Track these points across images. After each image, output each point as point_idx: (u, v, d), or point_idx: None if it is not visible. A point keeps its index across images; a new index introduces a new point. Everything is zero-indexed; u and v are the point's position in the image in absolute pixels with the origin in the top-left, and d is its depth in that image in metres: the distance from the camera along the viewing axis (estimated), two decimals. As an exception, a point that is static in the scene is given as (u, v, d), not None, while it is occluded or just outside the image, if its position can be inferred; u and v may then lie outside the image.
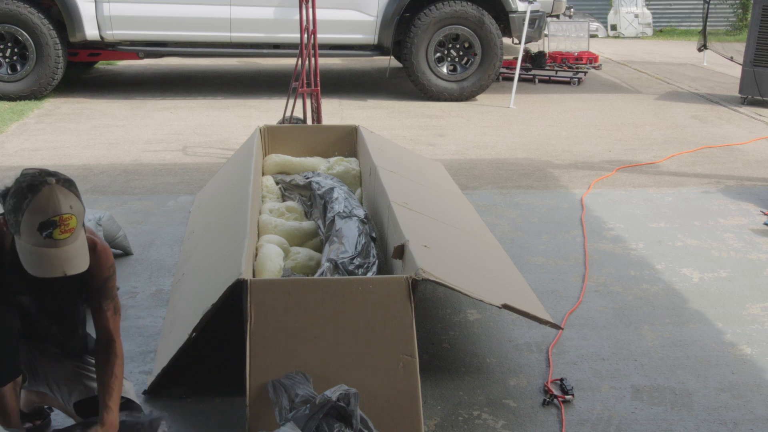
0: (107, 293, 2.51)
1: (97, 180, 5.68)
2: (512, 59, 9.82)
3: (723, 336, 3.56)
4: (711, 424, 2.90)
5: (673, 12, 17.28)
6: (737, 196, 5.54)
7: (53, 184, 2.19)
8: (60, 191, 2.18)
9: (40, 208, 2.15)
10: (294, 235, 3.83)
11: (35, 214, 2.15)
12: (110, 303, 2.53)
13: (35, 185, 2.17)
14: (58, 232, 2.16)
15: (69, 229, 2.18)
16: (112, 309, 2.53)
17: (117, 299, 2.57)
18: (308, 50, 6.00)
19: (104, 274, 2.48)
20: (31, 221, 2.15)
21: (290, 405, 2.41)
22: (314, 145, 4.88)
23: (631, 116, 8.25)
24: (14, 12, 8.01)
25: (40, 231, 2.14)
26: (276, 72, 10.63)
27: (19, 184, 2.20)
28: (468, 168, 6.15)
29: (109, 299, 2.52)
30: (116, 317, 2.56)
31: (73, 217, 2.19)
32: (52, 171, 2.25)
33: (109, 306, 2.52)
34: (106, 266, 2.49)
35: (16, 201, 2.17)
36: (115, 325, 2.55)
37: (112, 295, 2.54)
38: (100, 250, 2.46)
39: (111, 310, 2.53)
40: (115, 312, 2.55)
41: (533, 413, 2.95)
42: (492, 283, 3.20)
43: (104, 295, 2.51)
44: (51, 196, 2.16)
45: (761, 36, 8.49)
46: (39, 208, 2.15)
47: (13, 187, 2.21)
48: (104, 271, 2.48)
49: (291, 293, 2.65)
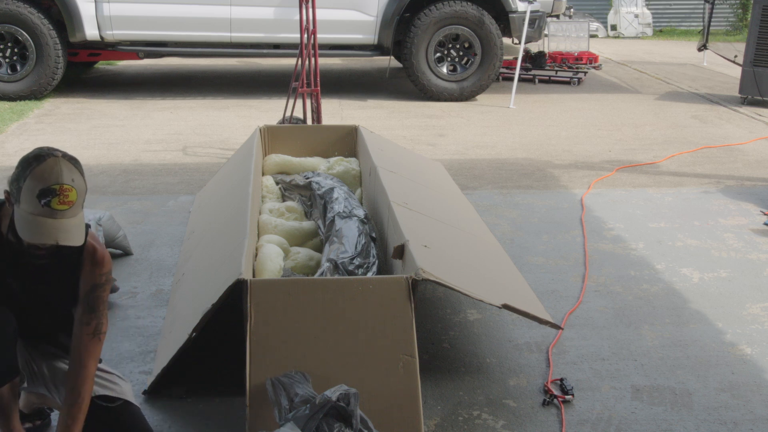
0: (93, 303, 2.42)
1: (97, 180, 5.68)
2: (512, 59, 9.82)
3: (723, 336, 3.56)
4: (711, 424, 2.90)
5: (673, 12, 17.28)
6: (737, 196, 5.54)
7: (59, 156, 2.22)
8: (65, 164, 2.21)
9: (42, 175, 2.17)
10: (294, 235, 3.83)
11: (37, 181, 2.16)
12: (92, 318, 2.41)
13: (41, 155, 2.21)
14: (56, 201, 2.16)
15: (68, 201, 2.18)
16: (92, 327, 2.41)
17: (104, 319, 2.44)
18: (308, 50, 6.00)
19: (95, 280, 2.42)
20: (32, 188, 2.16)
21: (290, 404, 2.41)
22: (314, 145, 4.88)
23: (631, 116, 8.25)
24: (14, 12, 8.00)
25: (39, 198, 2.15)
26: (276, 72, 10.63)
27: (25, 156, 2.24)
28: (468, 168, 6.15)
29: (93, 312, 2.41)
30: (92, 339, 2.41)
31: (74, 190, 2.20)
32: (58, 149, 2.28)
33: (91, 321, 2.40)
34: (100, 272, 2.43)
35: (21, 169, 2.21)
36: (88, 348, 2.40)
37: (98, 309, 2.43)
38: (99, 256, 2.43)
39: (91, 328, 2.40)
40: (94, 333, 2.41)
41: (533, 413, 2.95)
42: (492, 283, 3.20)
43: (89, 306, 2.41)
44: (55, 166, 2.19)
45: (761, 36, 8.49)
46: (41, 175, 2.17)
47: (20, 159, 2.24)
48: (96, 277, 2.42)
49: (291, 293, 2.65)
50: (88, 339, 2.42)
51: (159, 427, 2.81)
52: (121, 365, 3.20)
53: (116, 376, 2.68)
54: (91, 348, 2.42)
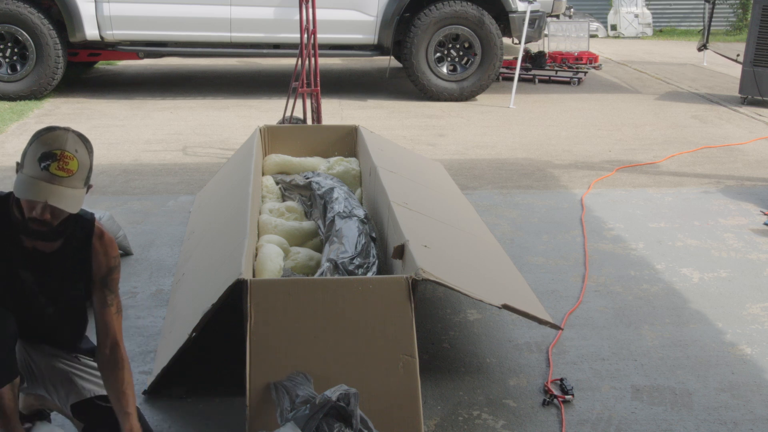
0: (111, 285, 2.51)
1: (97, 180, 5.68)
2: (512, 59, 9.82)
3: (723, 336, 3.56)
4: (711, 424, 2.90)
5: (673, 12, 17.28)
6: (737, 196, 5.54)
7: (70, 130, 2.27)
8: (72, 136, 2.26)
9: (47, 141, 2.22)
10: (294, 235, 3.83)
11: (41, 145, 2.21)
12: (114, 298, 2.52)
13: (53, 127, 2.28)
14: (55, 166, 2.19)
15: (67, 168, 2.20)
16: (116, 306, 2.52)
17: (119, 298, 2.56)
18: (308, 50, 6.00)
19: (110, 263, 2.50)
20: (35, 151, 2.21)
21: (291, 406, 2.41)
22: (314, 145, 4.88)
23: (631, 116, 8.25)
24: (14, 12, 8.00)
25: (40, 162, 2.19)
26: (276, 72, 10.63)
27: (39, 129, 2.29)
28: (468, 168, 6.15)
29: (113, 294, 2.52)
30: (119, 317, 2.54)
31: (75, 160, 2.22)
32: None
33: (113, 301, 2.52)
34: (112, 255, 2.50)
35: (32, 138, 2.27)
36: (119, 325, 2.53)
37: (116, 290, 2.53)
38: (107, 239, 2.49)
39: (115, 307, 2.52)
40: (118, 311, 2.54)
41: (533, 413, 2.95)
42: (492, 283, 3.20)
43: (108, 287, 2.50)
44: (62, 135, 2.24)
45: (761, 36, 8.49)
46: (47, 141, 2.22)
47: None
48: (110, 259, 2.50)
49: (291, 293, 2.65)
50: (117, 317, 2.53)
51: (159, 427, 2.81)
52: (121, 365, 3.19)
53: None
54: (119, 324, 2.53)
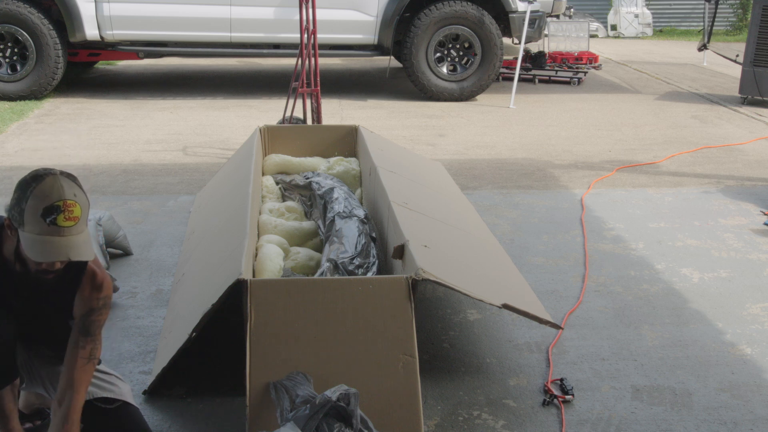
0: (89, 327, 2.40)
1: (97, 180, 5.68)
2: (512, 59, 9.82)
3: (723, 336, 3.56)
4: (711, 424, 2.90)
5: (673, 12, 17.27)
6: (737, 196, 5.54)
7: (57, 174, 2.19)
8: (64, 181, 2.18)
9: (44, 193, 2.14)
10: (294, 235, 3.83)
11: (39, 200, 2.13)
12: (87, 342, 2.39)
13: (39, 175, 2.18)
14: (62, 218, 2.13)
15: (73, 216, 2.15)
16: (87, 351, 2.38)
17: (99, 344, 2.43)
18: (308, 50, 6.00)
19: (93, 303, 2.41)
20: (35, 207, 2.12)
21: (291, 406, 2.41)
22: (314, 145, 4.88)
23: (631, 116, 8.25)
24: (14, 12, 8.00)
25: (44, 217, 2.12)
26: (276, 72, 10.63)
27: (22, 179, 2.20)
28: (468, 168, 6.15)
29: (89, 336, 2.40)
30: (87, 365, 2.38)
31: (78, 205, 2.17)
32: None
33: (86, 345, 2.38)
34: (98, 295, 2.41)
35: (20, 192, 2.17)
36: (80, 374, 2.37)
37: (94, 333, 2.41)
38: (99, 279, 2.41)
39: (86, 352, 2.38)
40: (88, 358, 2.39)
41: (533, 413, 2.95)
42: (492, 283, 3.20)
43: (84, 329, 2.40)
44: (55, 183, 2.16)
45: (761, 36, 8.49)
46: (43, 193, 2.14)
47: (16, 185, 2.21)
48: (94, 300, 2.41)
49: (291, 293, 2.65)
50: (83, 363, 2.38)
51: (159, 427, 2.81)
52: (121, 365, 3.20)
53: (115, 377, 2.68)
54: (84, 373, 2.39)
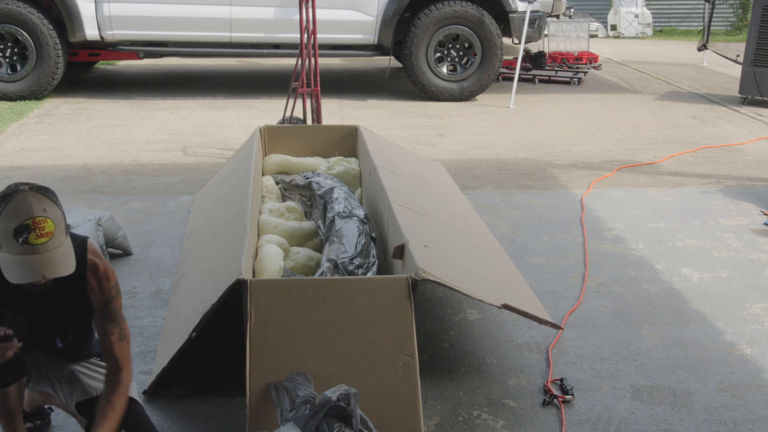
0: (111, 315, 2.47)
1: (97, 180, 5.68)
2: (512, 59, 9.82)
3: (723, 336, 3.56)
4: (711, 424, 2.90)
5: (673, 12, 17.27)
6: (737, 196, 5.54)
7: (26, 190, 2.15)
8: (33, 196, 2.14)
9: (12, 213, 2.11)
10: (294, 235, 3.83)
11: (9, 221, 2.10)
12: (114, 327, 2.47)
13: (8, 194, 2.14)
14: (33, 236, 2.10)
15: (45, 232, 2.12)
16: (117, 334, 2.48)
17: (124, 323, 2.51)
18: (308, 50, 6.00)
19: (106, 295, 2.45)
20: (7, 228, 2.10)
21: (291, 406, 2.41)
22: (314, 145, 4.88)
23: (631, 116, 8.25)
24: (14, 12, 8.00)
25: (16, 237, 2.10)
26: (276, 72, 10.63)
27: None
28: (468, 168, 6.15)
29: (113, 322, 2.47)
30: (122, 343, 2.49)
31: (49, 221, 2.13)
32: (28, 181, 2.21)
33: (114, 330, 2.47)
34: (108, 286, 2.45)
35: None
36: (121, 352, 2.48)
37: (117, 317, 2.49)
38: (101, 270, 2.43)
39: (116, 335, 2.47)
40: (120, 338, 2.49)
41: (533, 413, 2.95)
42: (492, 283, 3.20)
43: (108, 318, 2.47)
44: (23, 201, 2.12)
45: (761, 36, 8.49)
46: (12, 213, 2.11)
47: None
48: (106, 291, 2.45)
49: (291, 293, 2.65)
50: (118, 344, 2.48)
51: (159, 427, 2.80)
52: (121, 365, 3.20)
53: None
54: (123, 351, 2.49)
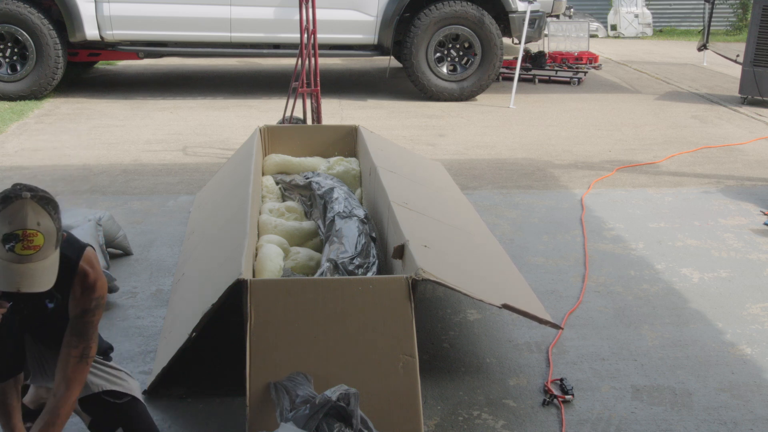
0: (82, 329, 2.38)
1: (97, 180, 5.68)
2: (512, 59, 9.82)
3: (723, 336, 3.56)
4: (711, 424, 2.90)
5: (673, 12, 17.27)
6: (737, 196, 5.54)
7: (27, 198, 2.13)
8: (32, 206, 2.12)
9: (7, 219, 2.10)
10: (294, 235, 3.83)
11: (2, 225, 2.10)
12: (80, 343, 2.37)
13: (9, 197, 2.13)
14: (20, 246, 2.09)
15: (32, 246, 2.10)
16: (79, 351, 2.37)
17: (92, 343, 2.41)
18: (308, 50, 6.00)
19: (85, 304, 2.38)
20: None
21: (291, 406, 2.41)
22: (314, 145, 4.88)
23: (631, 116, 8.25)
24: (14, 12, 8.00)
25: (4, 243, 2.09)
26: (276, 72, 10.63)
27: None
28: (468, 168, 6.15)
29: (82, 337, 2.37)
30: (80, 364, 2.37)
31: (40, 235, 2.11)
32: (33, 186, 2.19)
33: (78, 346, 2.36)
34: (90, 296, 2.38)
35: None
36: (75, 373, 2.36)
37: (87, 334, 2.38)
38: (91, 280, 2.37)
39: (78, 353, 2.36)
40: (81, 358, 2.37)
41: (533, 413, 2.95)
42: (492, 283, 3.20)
43: (78, 331, 2.37)
44: (21, 210, 2.11)
45: (761, 36, 8.49)
46: (6, 219, 2.10)
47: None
48: (86, 301, 2.37)
49: (291, 293, 2.65)
50: (75, 362, 2.37)
51: (159, 427, 2.80)
52: (121, 365, 3.17)
53: (124, 373, 2.68)
54: (77, 372, 2.38)
